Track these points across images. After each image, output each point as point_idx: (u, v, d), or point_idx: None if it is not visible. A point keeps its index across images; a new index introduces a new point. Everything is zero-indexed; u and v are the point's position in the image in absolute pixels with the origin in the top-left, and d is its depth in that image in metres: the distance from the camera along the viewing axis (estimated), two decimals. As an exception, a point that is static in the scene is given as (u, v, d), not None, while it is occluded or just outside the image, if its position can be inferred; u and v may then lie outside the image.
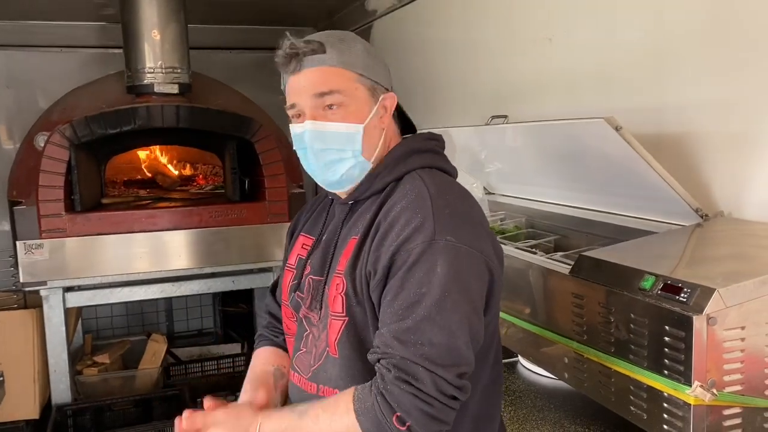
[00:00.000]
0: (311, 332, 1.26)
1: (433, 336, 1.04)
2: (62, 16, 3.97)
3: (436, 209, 1.11)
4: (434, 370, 1.03)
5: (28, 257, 2.97)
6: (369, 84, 1.21)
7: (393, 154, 1.23)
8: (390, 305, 1.09)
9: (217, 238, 3.27)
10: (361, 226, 1.20)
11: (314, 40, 1.19)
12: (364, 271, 1.14)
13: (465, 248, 1.09)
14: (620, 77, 1.93)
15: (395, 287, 1.09)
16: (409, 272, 1.08)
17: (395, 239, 1.10)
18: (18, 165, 3.60)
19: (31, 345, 3.17)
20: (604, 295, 1.36)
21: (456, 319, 1.06)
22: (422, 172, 1.20)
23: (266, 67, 5.03)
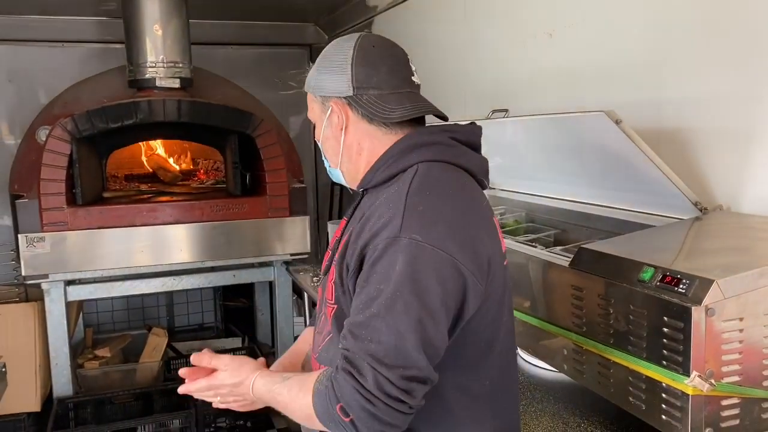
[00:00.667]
0: (324, 312, 1.30)
1: (380, 335, 1.03)
2: (64, 11, 3.98)
3: (408, 206, 1.10)
4: (378, 368, 1.02)
5: (30, 250, 2.98)
6: (319, 99, 1.29)
7: (394, 148, 1.24)
8: (356, 298, 1.10)
9: (218, 232, 3.28)
10: (357, 217, 1.24)
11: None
12: (346, 261, 1.17)
13: (430, 248, 1.06)
14: (620, 72, 1.93)
15: (361, 281, 1.10)
16: (372, 267, 1.08)
17: (368, 233, 1.12)
18: (20, 159, 3.61)
19: (32, 338, 3.19)
20: (603, 287, 1.37)
21: (405, 320, 1.03)
22: (422, 166, 1.19)
23: (267, 62, 5.08)
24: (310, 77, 1.30)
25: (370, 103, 1.23)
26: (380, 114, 1.23)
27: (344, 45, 1.26)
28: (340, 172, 1.32)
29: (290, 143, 3.86)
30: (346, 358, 1.05)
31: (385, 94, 1.24)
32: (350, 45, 1.25)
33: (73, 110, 3.15)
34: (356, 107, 1.24)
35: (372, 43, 1.26)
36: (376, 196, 1.21)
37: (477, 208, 1.19)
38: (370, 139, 1.26)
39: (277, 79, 4.70)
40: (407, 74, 1.27)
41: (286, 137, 3.85)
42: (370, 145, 1.26)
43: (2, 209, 4.05)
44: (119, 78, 3.50)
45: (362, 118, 1.25)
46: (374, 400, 1.01)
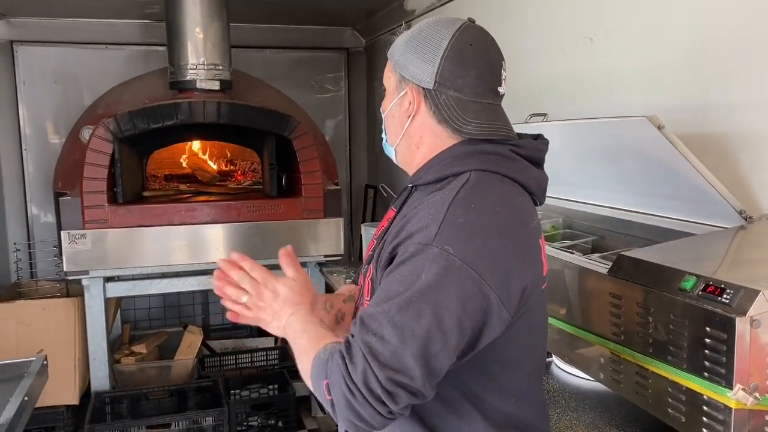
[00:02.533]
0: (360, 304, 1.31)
1: (384, 332, 1.00)
2: (109, 14, 4.08)
3: (449, 215, 1.06)
4: (370, 362, 0.99)
5: (72, 247, 3.05)
6: (398, 76, 1.24)
7: (452, 150, 1.20)
8: (377, 292, 1.09)
9: (253, 233, 3.31)
10: (406, 217, 1.19)
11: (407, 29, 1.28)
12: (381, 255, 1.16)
13: (460, 263, 1.02)
14: (663, 76, 1.90)
15: (386, 278, 1.09)
16: (398, 268, 1.07)
17: (405, 233, 1.10)
18: (64, 157, 3.71)
19: (72, 333, 3.26)
20: (642, 296, 1.34)
21: (412, 327, 1.00)
22: (474, 175, 1.14)
23: (305, 65, 5.13)
24: (397, 47, 1.24)
25: (447, 105, 1.18)
26: (452, 122, 1.18)
27: (442, 31, 1.18)
28: (394, 151, 1.30)
29: (326, 145, 3.88)
30: (347, 342, 1.04)
31: (464, 100, 1.17)
32: (448, 34, 1.18)
33: (116, 111, 3.22)
34: (431, 103, 1.19)
35: (470, 41, 1.18)
36: (424, 196, 1.18)
37: (522, 231, 1.12)
38: (434, 136, 1.22)
39: (314, 82, 4.74)
40: (495, 84, 1.20)
41: (322, 139, 3.88)
42: (431, 142, 1.22)
43: (47, 206, 4.17)
44: (161, 79, 3.57)
45: (432, 114, 1.20)
46: (356, 391, 0.99)
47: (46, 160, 4.13)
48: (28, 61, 4.16)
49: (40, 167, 4.19)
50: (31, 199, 4.23)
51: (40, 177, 4.19)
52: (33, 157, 4.21)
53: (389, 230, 1.21)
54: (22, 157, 4.20)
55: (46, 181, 4.08)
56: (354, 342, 1.02)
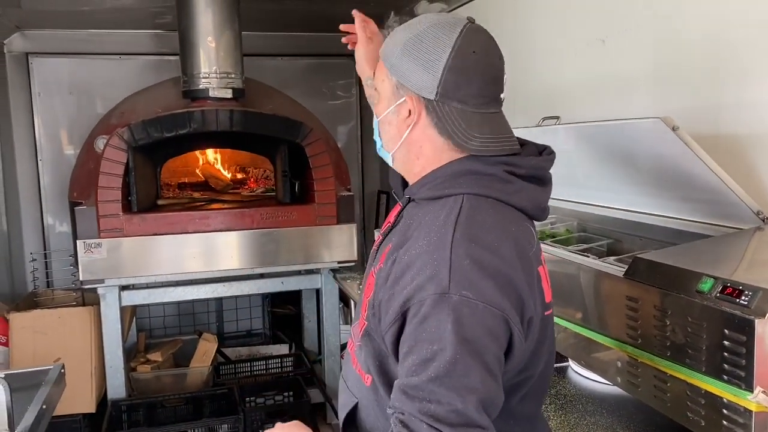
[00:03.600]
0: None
1: (441, 396, 0.96)
2: (121, 25, 4.11)
3: (454, 257, 1.02)
4: (438, 427, 0.95)
5: (87, 256, 3.07)
6: (394, 81, 1.15)
7: (446, 170, 1.15)
8: (405, 359, 1.02)
9: (267, 240, 3.32)
10: (398, 234, 1.18)
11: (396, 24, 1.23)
12: (378, 297, 1.12)
13: (482, 306, 0.99)
14: (676, 77, 1.89)
15: (409, 341, 1.02)
16: (420, 326, 1.01)
17: (410, 283, 1.04)
18: (79, 167, 3.74)
19: (88, 341, 3.28)
20: (659, 298, 1.33)
21: (466, 383, 0.97)
22: (467, 202, 1.09)
23: (317, 72, 5.14)
24: (392, 49, 1.15)
25: (450, 118, 1.12)
26: (456, 136, 1.12)
27: (443, 38, 1.10)
28: (391, 157, 1.23)
29: (338, 152, 3.89)
30: (402, 422, 0.98)
31: (468, 111, 1.12)
32: (449, 41, 1.10)
33: (130, 120, 3.25)
34: (433, 114, 1.13)
35: (473, 48, 1.11)
36: (420, 212, 1.16)
37: (523, 260, 1.08)
38: (434, 149, 1.16)
39: (325, 89, 4.75)
40: (497, 91, 1.15)
41: (334, 146, 3.89)
42: (431, 154, 1.16)
43: (62, 216, 4.20)
44: (174, 89, 3.59)
45: (434, 126, 1.14)
46: None
47: (61, 170, 4.17)
48: (42, 73, 4.20)
49: (55, 177, 4.23)
50: (47, 209, 4.26)
51: (56, 187, 4.22)
52: (48, 168, 4.25)
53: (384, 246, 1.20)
54: (38, 167, 4.23)
55: (62, 191, 4.11)
56: (409, 417, 0.97)
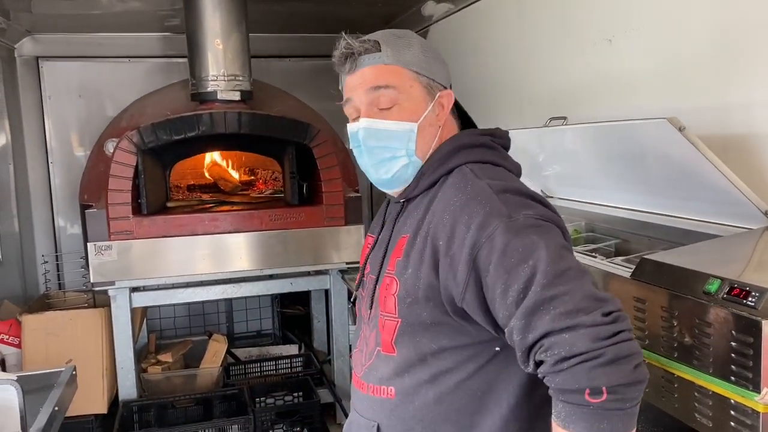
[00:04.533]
0: (363, 330, 1.27)
1: (560, 291, 0.98)
2: (130, 28, 4.14)
3: (497, 193, 1.09)
4: (580, 323, 0.95)
5: (98, 258, 3.09)
6: (425, 82, 1.21)
7: (441, 150, 1.22)
8: (504, 296, 1.02)
9: (276, 241, 3.34)
10: (410, 225, 1.20)
11: (370, 39, 1.21)
12: (422, 278, 1.12)
13: (542, 219, 1.07)
14: (683, 77, 1.88)
15: (501, 275, 1.02)
16: (505, 254, 1.02)
17: (467, 231, 1.06)
18: (89, 170, 3.77)
19: (99, 343, 3.30)
20: (666, 299, 1.33)
21: (573, 271, 1.01)
22: (472, 166, 1.18)
23: (324, 73, 5.11)
24: (413, 54, 1.21)
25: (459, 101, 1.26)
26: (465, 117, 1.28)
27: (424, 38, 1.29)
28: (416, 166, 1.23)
29: (346, 153, 3.89)
30: (549, 350, 0.97)
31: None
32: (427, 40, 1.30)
33: (139, 123, 3.27)
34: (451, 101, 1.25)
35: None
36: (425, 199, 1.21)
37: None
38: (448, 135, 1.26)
39: (333, 90, 4.74)
40: None
41: (342, 147, 3.89)
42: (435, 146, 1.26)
43: (73, 218, 4.24)
44: (182, 91, 3.61)
45: (452, 112, 1.25)
46: (599, 353, 0.94)
47: (71, 173, 4.20)
48: (53, 76, 4.23)
49: (66, 180, 4.26)
50: (58, 212, 4.30)
51: (66, 189, 4.26)
52: (59, 170, 4.28)
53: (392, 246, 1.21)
54: (49, 170, 4.27)
55: (72, 194, 4.14)
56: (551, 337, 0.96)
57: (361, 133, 1.21)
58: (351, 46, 1.20)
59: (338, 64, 1.24)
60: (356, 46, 1.20)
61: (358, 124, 1.22)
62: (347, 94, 1.24)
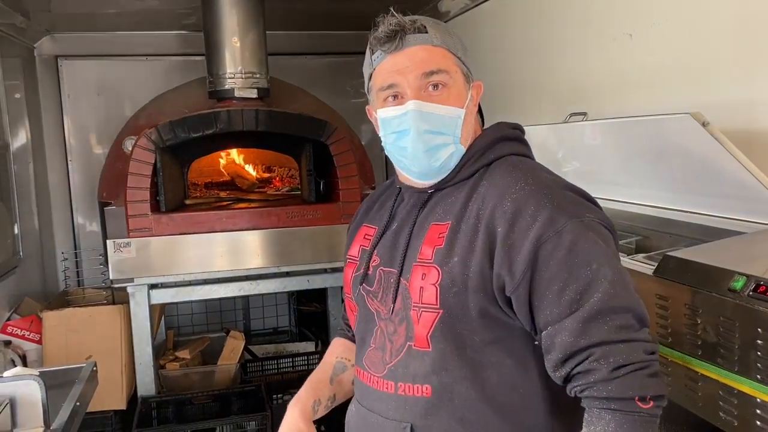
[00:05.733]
0: (380, 326, 1.20)
1: (621, 305, 1.02)
2: (148, 27, 4.17)
3: (562, 189, 1.10)
4: (634, 338, 1.01)
5: (117, 255, 3.11)
6: (464, 69, 1.19)
7: (481, 141, 1.20)
8: (560, 294, 1.02)
9: (292, 238, 3.34)
10: (448, 213, 1.14)
11: (417, 19, 1.15)
12: (470, 265, 1.08)
13: (602, 224, 1.09)
14: (707, 71, 1.86)
15: (561, 272, 1.02)
16: (570, 253, 1.02)
17: (532, 222, 1.04)
18: (108, 168, 3.80)
19: (118, 339, 3.33)
20: (690, 297, 1.31)
21: (631, 285, 1.05)
22: (516, 159, 1.18)
23: (341, 70, 5.15)
24: (454, 41, 1.19)
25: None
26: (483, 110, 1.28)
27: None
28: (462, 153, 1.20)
29: (362, 150, 3.90)
30: (604, 358, 0.99)
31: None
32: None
33: (157, 121, 3.28)
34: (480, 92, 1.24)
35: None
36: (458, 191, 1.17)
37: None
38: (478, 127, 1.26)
39: (349, 87, 4.76)
40: None
41: (358, 144, 3.89)
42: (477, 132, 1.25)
43: (92, 216, 4.27)
44: (200, 89, 3.63)
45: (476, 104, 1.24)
46: (647, 365, 1.01)
47: (90, 170, 4.24)
48: (72, 75, 4.27)
49: (84, 178, 4.30)
50: (77, 209, 4.34)
51: (85, 187, 4.30)
52: (78, 168, 4.32)
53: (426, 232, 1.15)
54: (68, 168, 4.31)
55: (91, 192, 4.18)
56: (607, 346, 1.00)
57: (410, 116, 1.12)
58: (402, 24, 1.13)
59: (382, 41, 1.14)
60: (406, 23, 1.13)
61: (405, 107, 1.13)
62: (390, 78, 1.14)
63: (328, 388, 1.37)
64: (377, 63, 1.17)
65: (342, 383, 1.37)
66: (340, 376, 1.38)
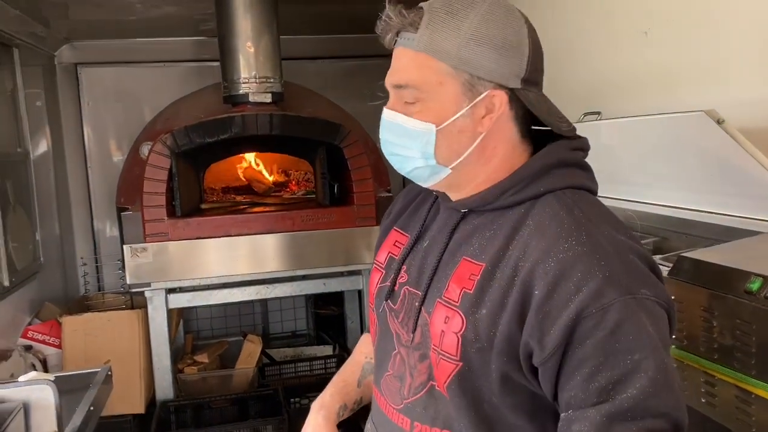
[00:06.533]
0: (401, 353, 1.09)
1: (656, 408, 0.85)
2: (164, 33, 4.20)
3: (621, 255, 0.91)
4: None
5: (134, 260, 3.14)
6: (463, 78, 0.97)
7: (532, 165, 1.01)
8: (590, 378, 0.88)
9: (308, 242, 3.34)
10: (483, 251, 1.00)
11: (411, 12, 1.00)
12: (500, 325, 0.94)
13: (658, 304, 0.91)
14: (723, 69, 1.82)
15: (596, 356, 0.87)
16: (612, 336, 0.86)
17: (575, 292, 0.88)
18: (125, 173, 3.84)
19: (137, 343, 3.35)
20: (706, 299, 1.28)
21: (676, 384, 0.89)
22: (572, 200, 0.98)
23: (357, 74, 5.13)
24: (452, 41, 0.96)
25: (536, 105, 0.99)
26: (554, 122, 0.99)
27: (514, 12, 1.01)
28: (446, 175, 1.03)
29: (377, 153, 3.88)
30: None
31: (541, 94, 1.02)
32: (519, 15, 1.01)
33: (173, 126, 3.31)
34: (516, 104, 0.99)
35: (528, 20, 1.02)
36: (503, 219, 1.00)
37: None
38: (509, 146, 1.02)
39: (365, 90, 4.77)
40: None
41: (372, 147, 3.88)
42: (505, 154, 1.02)
43: (111, 221, 4.32)
44: (214, 95, 3.65)
45: (514, 119, 1.01)
46: None
47: (109, 176, 4.28)
48: (90, 82, 4.32)
49: (103, 183, 4.34)
50: (96, 215, 4.38)
51: (104, 193, 4.34)
52: (97, 174, 4.37)
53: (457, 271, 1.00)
54: (87, 174, 4.36)
55: (110, 197, 4.22)
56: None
57: (382, 123, 1.05)
58: (388, 19, 1.01)
59: (381, 37, 1.04)
60: (393, 21, 1.00)
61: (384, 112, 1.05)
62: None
63: (355, 392, 1.29)
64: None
65: (370, 386, 1.26)
66: (368, 378, 1.28)
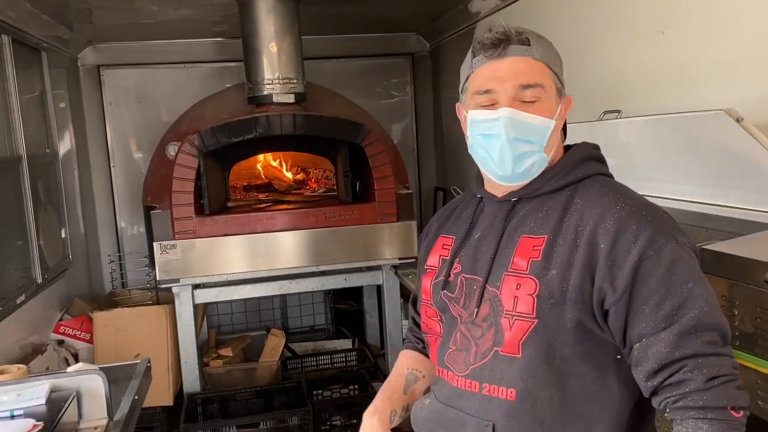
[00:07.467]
0: (460, 330, 1.25)
1: (712, 323, 1.08)
2: (184, 35, 4.28)
3: (660, 213, 1.16)
4: (722, 352, 1.07)
5: (164, 257, 3.23)
6: (558, 85, 1.23)
7: (571, 157, 1.26)
8: (657, 308, 1.09)
9: (330, 238, 3.42)
10: (542, 227, 1.20)
11: (522, 31, 1.22)
12: (571, 278, 1.13)
13: (690, 247, 1.15)
14: (741, 67, 1.87)
15: (659, 290, 1.09)
16: (669, 271, 1.09)
17: (634, 241, 1.11)
18: (151, 173, 3.92)
19: (164, 338, 3.45)
20: (727, 289, 1.35)
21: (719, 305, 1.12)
22: (605, 180, 1.24)
23: (371, 72, 5.20)
24: (554, 55, 1.25)
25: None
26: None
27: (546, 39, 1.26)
28: (546, 165, 1.24)
29: (395, 150, 3.96)
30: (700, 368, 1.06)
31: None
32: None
33: (198, 127, 3.38)
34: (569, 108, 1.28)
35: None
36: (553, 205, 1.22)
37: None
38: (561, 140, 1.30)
39: (380, 89, 4.84)
40: None
41: (391, 145, 3.96)
42: (559, 145, 1.28)
43: (136, 219, 4.41)
44: (237, 95, 3.73)
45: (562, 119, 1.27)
46: (736, 376, 1.08)
47: (131, 175, 4.38)
48: (113, 84, 4.42)
49: (126, 183, 4.44)
50: (120, 213, 4.48)
51: (127, 192, 4.43)
52: (120, 174, 4.47)
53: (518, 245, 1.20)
54: (111, 173, 4.46)
55: (132, 196, 4.32)
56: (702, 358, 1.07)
57: (502, 122, 1.18)
58: (507, 33, 1.21)
59: (486, 46, 1.21)
60: (512, 34, 1.20)
61: (497, 113, 1.19)
62: (488, 84, 1.21)
63: (403, 399, 1.41)
64: (477, 66, 1.23)
65: (414, 394, 1.43)
66: (413, 386, 1.44)
